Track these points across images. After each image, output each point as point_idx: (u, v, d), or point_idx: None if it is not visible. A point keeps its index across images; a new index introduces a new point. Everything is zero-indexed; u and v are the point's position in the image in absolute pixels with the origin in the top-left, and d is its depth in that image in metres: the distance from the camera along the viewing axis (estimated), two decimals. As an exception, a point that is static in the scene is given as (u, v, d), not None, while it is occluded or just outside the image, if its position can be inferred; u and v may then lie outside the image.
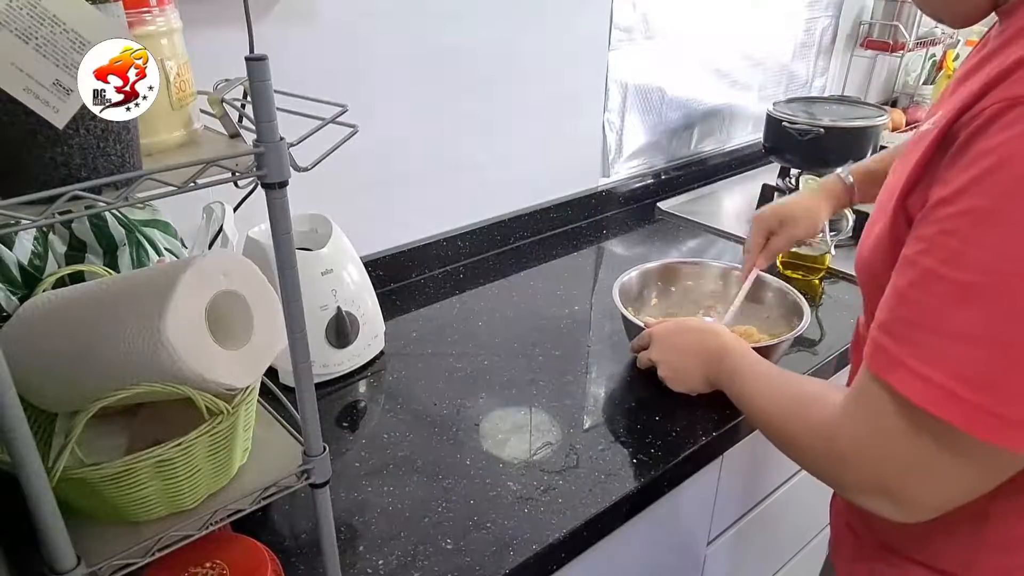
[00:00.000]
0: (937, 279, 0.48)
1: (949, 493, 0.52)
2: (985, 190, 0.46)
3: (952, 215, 0.48)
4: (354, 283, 0.99)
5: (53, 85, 0.40)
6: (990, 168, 0.46)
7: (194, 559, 0.59)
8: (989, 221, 0.46)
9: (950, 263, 0.47)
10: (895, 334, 0.51)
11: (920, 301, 0.49)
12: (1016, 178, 0.45)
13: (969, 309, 0.46)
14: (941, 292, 0.48)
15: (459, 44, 1.20)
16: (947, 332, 0.48)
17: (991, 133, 0.46)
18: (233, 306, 0.57)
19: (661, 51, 1.54)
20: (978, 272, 0.46)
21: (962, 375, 0.47)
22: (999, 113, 0.46)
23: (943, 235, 0.48)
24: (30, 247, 0.71)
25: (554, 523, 0.76)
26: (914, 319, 0.50)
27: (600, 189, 1.55)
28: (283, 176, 0.48)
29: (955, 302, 0.47)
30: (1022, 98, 0.45)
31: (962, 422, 0.47)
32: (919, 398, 0.49)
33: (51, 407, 0.60)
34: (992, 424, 0.46)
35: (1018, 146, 0.45)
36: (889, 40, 2.01)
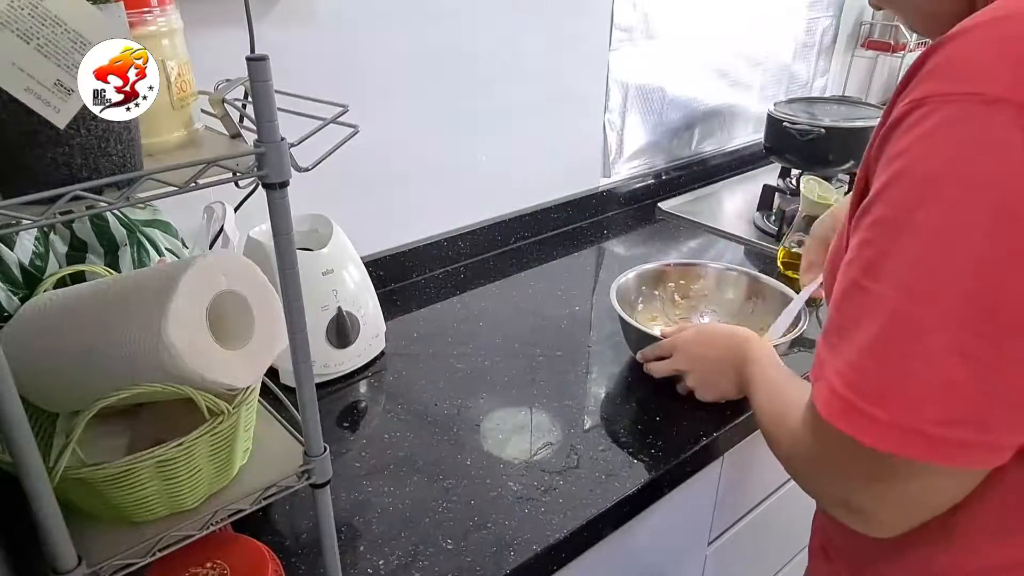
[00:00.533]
0: (856, 289, 0.48)
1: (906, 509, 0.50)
2: (889, 199, 0.46)
3: (868, 224, 0.47)
4: (355, 283, 0.99)
5: (54, 85, 0.40)
6: (894, 175, 0.45)
7: (195, 559, 0.59)
8: (894, 231, 0.45)
9: (867, 273, 0.47)
10: (826, 342, 0.50)
11: (843, 310, 0.49)
12: (914, 185, 0.44)
13: (874, 320, 0.46)
14: (857, 302, 0.47)
15: (459, 44, 1.20)
16: (855, 343, 0.47)
17: (896, 136, 0.46)
18: (234, 306, 0.57)
19: (662, 51, 1.54)
20: (884, 282, 0.45)
21: (861, 386, 0.46)
22: (901, 117, 0.45)
23: (862, 245, 0.48)
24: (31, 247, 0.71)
25: (555, 523, 0.76)
26: (838, 328, 0.49)
27: (601, 189, 1.55)
28: (284, 176, 0.48)
29: (864, 313, 0.46)
30: (924, 99, 0.44)
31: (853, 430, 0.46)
32: (825, 410, 0.48)
33: (52, 407, 0.60)
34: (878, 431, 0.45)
35: (917, 150, 0.44)
36: (890, 40, 2.01)
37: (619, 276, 1.07)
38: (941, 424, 0.44)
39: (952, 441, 0.44)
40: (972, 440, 0.44)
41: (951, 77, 0.44)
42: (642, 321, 1.03)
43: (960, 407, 0.44)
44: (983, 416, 0.44)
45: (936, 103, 0.43)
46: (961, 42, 0.44)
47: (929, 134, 0.44)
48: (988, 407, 0.44)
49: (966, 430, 0.44)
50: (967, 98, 0.42)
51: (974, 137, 0.42)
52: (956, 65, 0.44)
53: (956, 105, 0.43)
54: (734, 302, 1.11)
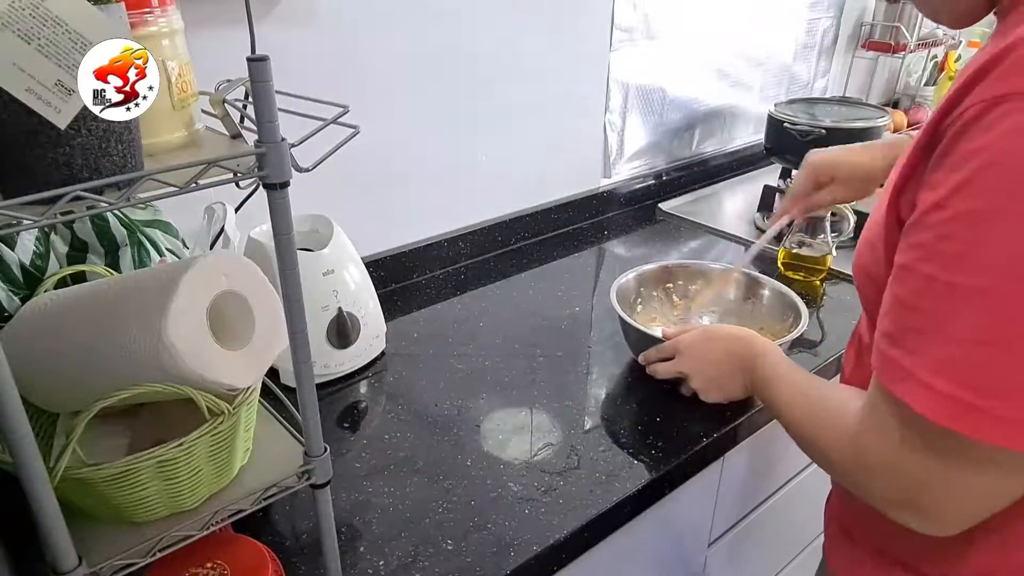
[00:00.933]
0: (940, 285, 0.47)
1: (974, 504, 0.51)
2: (976, 191, 0.46)
3: (947, 219, 0.47)
4: (355, 283, 0.99)
5: (55, 86, 0.40)
6: (978, 169, 0.45)
7: (195, 559, 0.59)
8: (985, 222, 0.45)
9: (952, 268, 0.47)
10: (901, 344, 0.50)
11: (924, 309, 0.48)
12: (1005, 176, 0.44)
13: (975, 313, 0.46)
14: (945, 298, 0.47)
15: (460, 45, 1.20)
16: (954, 339, 0.47)
17: (974, 134, 0.46)
18: (234, 306, 0.57)
19: (662, 52, 1.54)
20: (981, 275, 0.45)
21: (971, 382, 0.46)
22: (981, 113, 0.45)
23: (941, 240, 0.47)
24: (32, 247, 0.71)
25: (555, 524, 0.76)
26: (919, 327, 0.49)
27: (601, 190, 1.55)
28: (284, 177, 0.48)
29: (960, 307, 0.46)
30: (1002, 97, 0.44)
31: (973, 430, 0.46)
32: (929, 410, 0.48)
33: (52, 407, 0.60)
34: (999, 428, 0.45)
35: (1004, 145, 0.44)
36: (891, 41, 2.01)
37: (619, 277, 1.07)
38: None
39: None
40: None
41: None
42: (641, 322, 1.03)
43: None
44: None
45: (1020, 99, 0.44)
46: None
47: (1016, 130, 0.44)
48: None
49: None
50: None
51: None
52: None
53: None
54: (733, 302, 1.11)
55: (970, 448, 0.48)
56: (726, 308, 1.11)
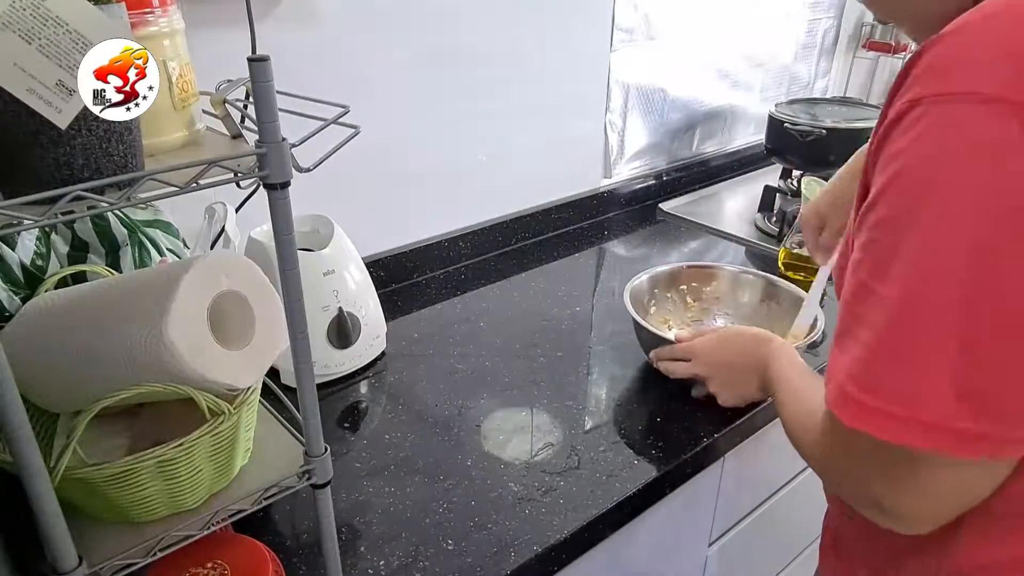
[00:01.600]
0: (864, 289, 0.48)
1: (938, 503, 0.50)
2: (891, 199, 0.46)
3: (872, 224, 0.47)
4: (356, 284, 0.99)
5: (56, 86, 0.40)
6: (895, 175, 0.45)
7: (195, 559, 0.59)
8: (896, 230, 0.45)
9: (873, 274, 0.47)
10: (837, 344, 0.50)
11: (852, 311, 0.49)
12: (914, 184, 0.44)
13: (880, 319, 0.46)
14: (864, 302, 0.47)
15: (460, 45, 1.20)
16: (863, 342, 0.47)
17: (894, 136, 0.46)
18: (235, 307, 0.57)
19: (663, 52, 1.54)
20: (888, 282, 0.46)
21: (871, 384, 0.46)
22: (898, 117, 0.45)
23: (868, 244, 0.48)
24: (32, 247, 0.71)
25: (555, 524, 0.76)
26: (846, 329, 0.49)
27: (602, 190, 1.55)
28: (285, 177, 0.48)
29: (871, 312, 0.47)
30: (920, 99, 0.44)
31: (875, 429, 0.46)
32: (837, 409, 0.48)
33: (53, 407, 0.60)
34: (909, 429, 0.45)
35: (914, 151, 0.44)
36: (891, 41, 2.00)
37: (632, 279, 1.06)
38: (961, 417, 0.44)
39: (972, 433, 0.44)
40: (991, 432, 0.45)
41: (946, 76, 0.44)
42: (655, 324, 1.03)
43: (975, 400, 0.44)
44: (999, 408, 0.44)
45: (932, 102, 0.44)
46: (954, 41, 0.44)
47: (926, 133, 0.44)
48: (1003, 399, 0.44)
49: (984, 422, 0.44)
50: (964, 97, 0.42)
51: (972, 136, 0.42)
52: (950, 64, 0.44)
53: (953, 104, 0.43)
54: (748, 305, 1.10)
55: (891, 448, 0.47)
56: (741, 311, 1.10)
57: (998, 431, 0.45)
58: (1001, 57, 0.42)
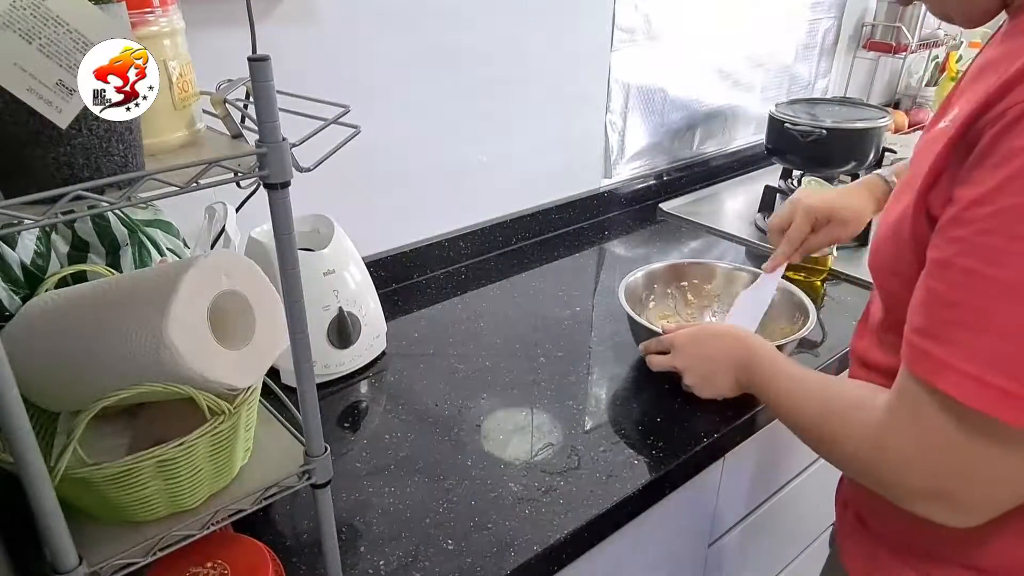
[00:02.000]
0: (981, 279, 0.48)
1: (1006, 493, 0.52)
2: (1021, 188, 0.46)
3: (989, 215, 0.48)
4: (356, 283, 0.99)
5: (56, 85, 0.40)
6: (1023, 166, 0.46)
7: (195, 559, 0.59)
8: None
9: (994, 262, 0.47)
10: (939, 337, 0.51)
11: (963, 302, 0.49)
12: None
13: (1018, 306, 0.47)
14: (986, 291, 0.48)
15: (461, 44, 1.20)
16: (998, 331, 0.48)
17: (1018, 132, 0.46)
18: (235, 306, 0.57)
19: (663, 52, 1.54)
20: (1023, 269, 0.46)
21: (1016, 373, 0.47)
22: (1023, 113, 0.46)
23: (982, 235, 0.48)
24: (33, 247, 0.71)
25: (555, 524, 0.76)
26: (959, 321, 0.50)
27: (602, 190, 1.55)
28: (285, 176, 0.48)
29: (1003, 300, 0.47)
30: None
31: (1019, 419, 0.47)
32: (974, 399, 0.49)
33: (53, 407, 0.60)
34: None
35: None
36: (892, 42, 2.00)
37: (627, 275, 1.07)
38: None
39: None
40: None
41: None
42: (653, 319, 1.03)
43: None
44: None
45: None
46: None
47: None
48: None
49: None
50: None
51: None
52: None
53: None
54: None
55: (1011, 437, 0.49)
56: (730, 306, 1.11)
57: None
58: None
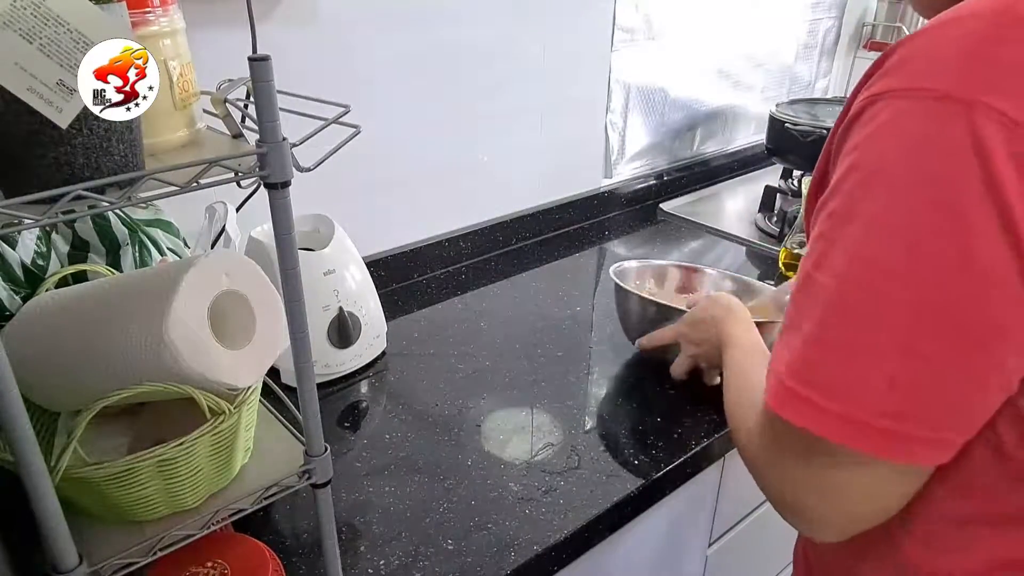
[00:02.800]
0: (808, 282, 0.47)
1: (851, 507, 0.49)
2: (841, 191, 0.46)
3: (823, 217, 0.47)
4: (356, 283, 0.99)
5: (56, 85, 0.40)
6: (847, 169, 0.45)
7: (195, 559, 0.60)
8: (841, 222, 0.45)
9: (817, 266, 0.47)
10: (781, 337, 0.50)
11: (796, 304, 0.49)
12: (865, 178, 0.44)
13: (819, 312, 0.46)
14: (808, 295, 0.47)
15: (461, 44, 1.20)
16: (803, 335, 0.47)
17: (852, 132, 0.46)
18: (235, 306, 0.57)
19: (664, 52, 1.54)
20: (829, 274, 0.45)
21: (809, 378, 0.46)
22: (859, 112, 0.45)
23: (816, 239, 0.48)
24: (33, 246, 0.71)
25: (555, 524, 0.76)
26: (790, 322, 0.49)
27: (602, 190, 1.55)
28: (286, 176, 0.48)
29: (817, 306, 0.46)
30: (876, 96, 0.44)
31: (811, 424, 0.46)
32: (774, 403, 0.48)
33: (53, 406, 0.60)
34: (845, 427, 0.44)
35: (867, 145, 0.44)
36: (892, 41, 2.00)
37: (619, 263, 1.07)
38: (885, 417, 0.44)
39: (897, 434, 0.44)
40: (916, 435, 0.44)
41: (907, 73, 0.44)
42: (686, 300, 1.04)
43: (904, 403, 0.43)
44: (928, 413, 0.44)
45: (890, 98, 0.44)
46: (921, 39, 0.44)
47: (880, 129, 0.44)
48: (933, 405, 0.44)
49: (910, 425, 0.44)
50: (917, 93, 0.42)
51: (919, 132, 0.42)
52: (912, 62, 0.44)
53: (907, 101, 0.43)
54: None
55: (826, 449, 0.47)
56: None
57: (933, 436, 0.44)
58: (957, 55, 0.42)
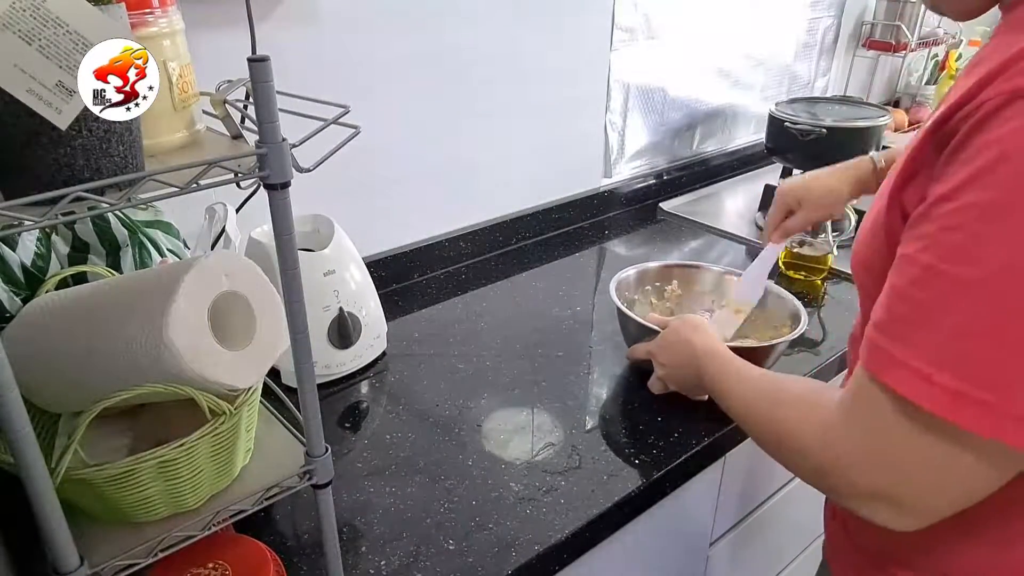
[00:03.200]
0: (939, 276, 0.47)
1: (954, 496, 0.51)
2: (988, 184, 0.45)
3: (954, 210, 0.47)
4: (356, 284, 0.99)
5: (56, 86, 0.40)
6: (993, 161, 0.45)
7: (197, 559, 0.60)
8: (993, 215, 0.45)
9: (953, 259, 0.46)
10: (894, 333, 0.49)
11: (921, 299, 0.48)
12: (1016, 171, 0.44)
13: (973, 305, 0.45)
14: (943, 289, 0.47)
15: (461, 44, 1.20)
16: (951, 330, 0.46)
17: (992, 127, 0.45)
18: (236, 307, 0.57)
19: (663, 51, 1.54)
20: (983, 267, 0.45)
21: (967, 373, 0.46)
22: (1000, 106, 0.45)
23: (945, 231, 0.47)
24: (33, 248, 0.71)
25: (556, 524, 0.76)
26: (914, 317, 0.48)
27: (602, 189, 1.55)
28: (285, 177, 0.48)
29: (958, 298, 0.46)
30: (1021, 91, 0.44)
31: (967, 421, 0.46)
32: (922, 398, 0.47)
33: (54, 408, 0.60)
34: (998, 422, 0.45)
35: (1018, 140, 0.44)
36: (891, 40, 2.00)
37: (619, 272, 1.07)
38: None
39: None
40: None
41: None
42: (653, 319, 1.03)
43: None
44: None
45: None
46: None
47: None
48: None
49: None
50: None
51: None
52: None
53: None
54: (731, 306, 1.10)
55: (959, 438, 0.47)
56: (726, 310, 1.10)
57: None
58: None
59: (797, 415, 0.60)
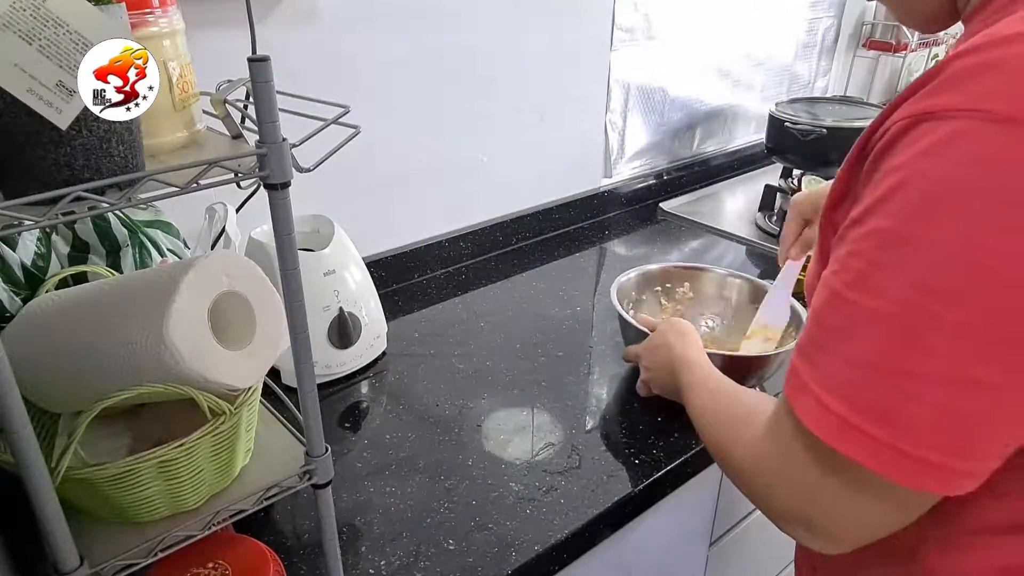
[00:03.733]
0: (841, 301, 0.46)
1: (862, 526, 0.49)
2: (888, 211, 0.44)
3: (861, 236, 0.46)
4: (356, 284, 0.99)
5: (56, 86, 0.40)
6: (893, 188, 0.44)
7: (197, 559, 0.60)
8: (890, 243, 0.44)
9: (853, 286, 0.45)
10: (806, 355, 0.49)
11: (828, 323, 0.47)
12: (914, 199, 0.43)
13: (868, 335, 0.44)
14: (845, 314, 0.46)
15: (461, 44, 1.20)
16: (847, 358, 0.45)
17: (896, 150, 0.44)
18: (236, 307, 0.57)
19: (663, 51, 1.54)
20: (879, 297, 0.44)
21: (858, 404, 0.45)
22: (904, 129, 0.44)
23: (851, 256, 0.46)
24: (33, 248, 0.71)
25: (556, 524, 0.76)
26: (822, 341, 0.48)
27: (602, 189, 1.55)
28: (285, 177, 0.48)
29: (855, 326, 0.45)
30: (927, 114, 0.43)
31: (858, 453, 0.45)
32: (816, 425, 0.47)
33: (54, 407, 0.60)
34: (891, 458, 0.44)
35: (917, 166, 0.43)
36: (891, 40, 2.01)
37: (620, 275, 1.06)
38: (940, 451, 0.43)
39: (943, 468, 0.43)
40: (961, 469, 0.43)
41: (969, 93, 0.42)
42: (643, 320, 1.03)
43: (961, 435, 0.43)
44: (977, 445, 0.43)
45: (946, 117, 0.42)
46: (975, 57, 0.42)
47: (936, 148, 0.42)
48: (984, 436, 0.43)
49: (957, 460, 0.43)
50: (986, 115, 0.41)
51: (979, 154, 0.41)
52: (972, 81, 0.42)
53: (971, 121, 0.41)
54: (735, 307, 1.10)
55: (853, 472, 0.46)
56: (728, 313, 1.10)
57: (968, 466, 0.43)
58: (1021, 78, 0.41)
59: (736, 435, 0.60)
